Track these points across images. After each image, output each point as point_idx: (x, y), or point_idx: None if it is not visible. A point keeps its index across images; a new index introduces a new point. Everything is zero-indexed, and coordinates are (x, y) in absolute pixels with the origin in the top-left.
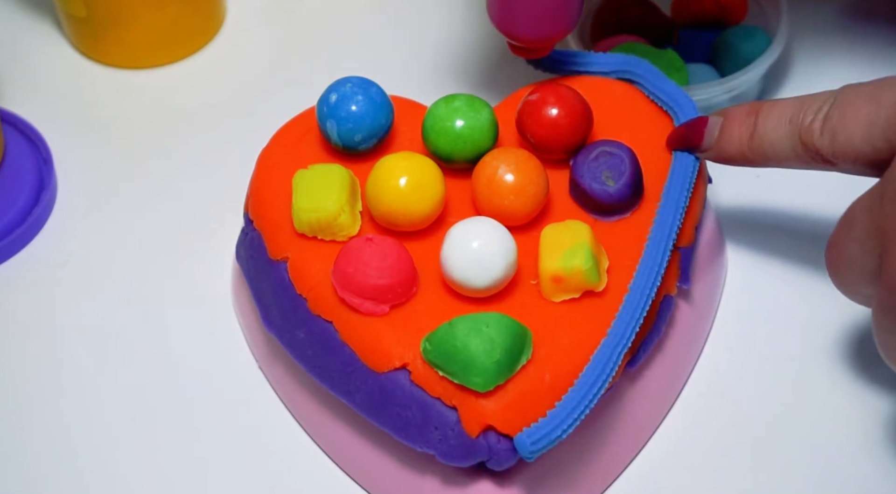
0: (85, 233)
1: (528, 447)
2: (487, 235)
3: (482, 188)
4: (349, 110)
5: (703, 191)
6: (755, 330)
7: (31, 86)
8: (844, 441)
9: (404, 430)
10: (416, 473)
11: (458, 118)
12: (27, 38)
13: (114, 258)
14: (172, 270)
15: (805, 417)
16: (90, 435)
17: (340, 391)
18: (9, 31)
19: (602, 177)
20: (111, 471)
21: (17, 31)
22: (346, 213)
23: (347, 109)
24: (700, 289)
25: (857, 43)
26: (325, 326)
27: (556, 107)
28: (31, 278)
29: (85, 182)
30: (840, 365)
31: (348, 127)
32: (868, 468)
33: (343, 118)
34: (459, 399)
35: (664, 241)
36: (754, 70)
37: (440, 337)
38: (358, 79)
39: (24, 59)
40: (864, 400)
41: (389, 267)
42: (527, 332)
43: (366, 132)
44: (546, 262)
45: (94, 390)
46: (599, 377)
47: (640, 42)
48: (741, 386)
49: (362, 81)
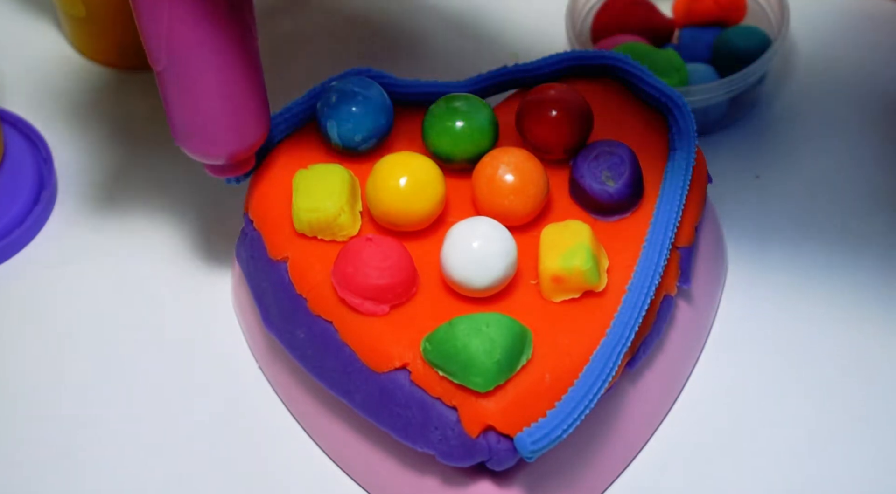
0: (85, 233)
1: (529, 447)
2: (487, 235)
3: (482, 188)
4: (350, 111)
5: (703, 191)
6: (755, 330)
7: (31, 86)
8: (844, 440)
9: (404, 430)
10: (416, 473)
11: (458, 118)
12: (27, 38)
13: (113, 258)
14: (172, 270)
15: (805, 417)
16: (90, 435)
17: (340, 391)
18: (9, 31)
19: (602, 177)
20: (111, 471)
21: (17, 31)
22: (346, 213)
23: (348, 110)
24: (700, 289)
25: (857, 43)
26: (325, 326)
27: (556, 107)
28: (31, 278)
29: (85, 182)
30: (840, 364)
31: (348, 127)
32: (868, 468)
33: (343, 119)
34: (459, 399)
35: (661, 241)
36: (754, 70)
37: (440, 337)
38: (358, 79)
39: (24, 59)
40: (865, 399)
41: (389, 267)
42: (527, 332)
43: (366, 132)
44: (546, 262)
45: (93, 390)
46: (599, 377)
47: (640, 42)
48: (741, 386)
49: (362, 81)
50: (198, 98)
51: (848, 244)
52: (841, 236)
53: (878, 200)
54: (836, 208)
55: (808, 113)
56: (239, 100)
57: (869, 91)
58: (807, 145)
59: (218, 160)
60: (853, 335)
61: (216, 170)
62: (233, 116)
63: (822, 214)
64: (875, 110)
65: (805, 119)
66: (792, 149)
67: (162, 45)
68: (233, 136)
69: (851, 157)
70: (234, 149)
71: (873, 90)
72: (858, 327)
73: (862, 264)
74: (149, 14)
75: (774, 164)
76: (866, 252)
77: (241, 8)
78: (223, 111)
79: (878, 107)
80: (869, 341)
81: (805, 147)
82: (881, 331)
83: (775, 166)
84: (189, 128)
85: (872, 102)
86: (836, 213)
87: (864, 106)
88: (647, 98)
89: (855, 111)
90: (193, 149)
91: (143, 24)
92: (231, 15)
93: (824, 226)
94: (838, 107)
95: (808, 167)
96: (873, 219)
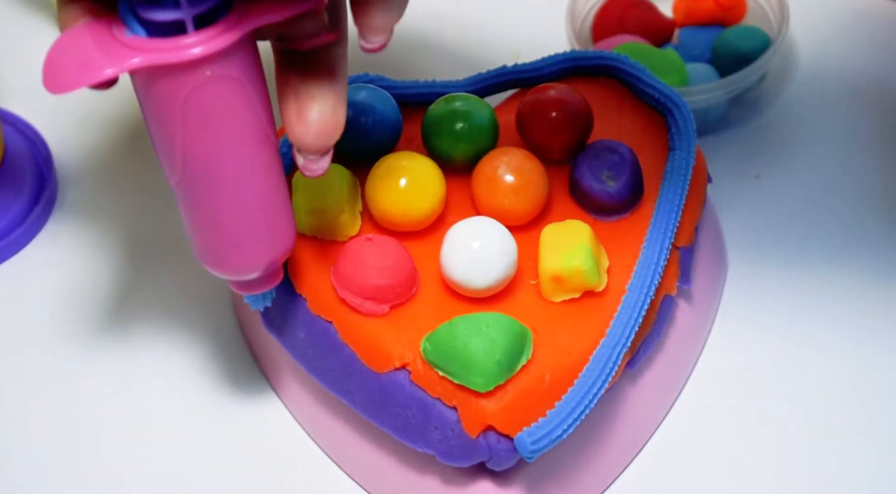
0: (85, 233)
1: (529, 447)
2: (487, 235)
3: (482, 188)
4: (363, 126)
5: (703, 191)
6: (755, 330)
7: (31, 86)
8: (844, 440)
9: (404, 430)
10: (416, 473)
11: (458, 118)
12: (27, 38)
13: (113, 258)
14: (172, 270)
15: (805, 417)
16: (90, 435)
17: (340, 391)
18: (9, 31)
19: (602, 177)
20: (111, 471)
21: (17, 31)
22: (346, 213)
23: (359, 128)
24: (700, 289)
25: (857, 43)
26: (325, 326)
27: (556, 107)
28: (31, 278)
29: (85, 182)
30: (840, 364)
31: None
32: (868, 467)
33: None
34: (459, 399)
35: (661, 241)
36: (754, 70)
37: (440, 337)
38: (372, 90)
39: (24, 59)
40: (865, 399)
41: (389, 267)
42: (527, 332)
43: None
44: (546, 262)
45: (93, 390)
46: (599, 377)
47: (640, 42)
48: (741, 386)
49: (375, 92)
50: (224, 214)
51: (848, 243)
52: (841, 236)
53: (877, 200)
54: (835, 208)
55: (809, 112)
56: (269, 209)
57: (869, 91)
58: (807, 145)
59: (252, 275)
60: (853, 334)
61: (243, 286)
62: (265, 227)
63: (822, 214)
64: (875, 110)
65: (805, 118)
66: (792, 149)
67: (177, 158)
68: (265, 248)
69: (851, 157)
70: (270, 258)
71: (873, 90)
72: (858, 327)
73: (862, 264)
74: (158, 124)
75: (774, 164)
76: (866, 251)
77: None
78: (254, 224)
79: (878, 107)
80: (869, 340)
81: (805, 147)
82: (881, 331)
83: (775, 166)
84: (217, 246)
85: (872, 102)
86: (835, 213)
87: (864, 106)
88: (647, 98)
89: (855, 111)
90: (224, 268)
91: (153, 133)
92: (251, 118)
93: (824, 226)
94: (838, 107)
95: (808, 167)
96: (873, 218)
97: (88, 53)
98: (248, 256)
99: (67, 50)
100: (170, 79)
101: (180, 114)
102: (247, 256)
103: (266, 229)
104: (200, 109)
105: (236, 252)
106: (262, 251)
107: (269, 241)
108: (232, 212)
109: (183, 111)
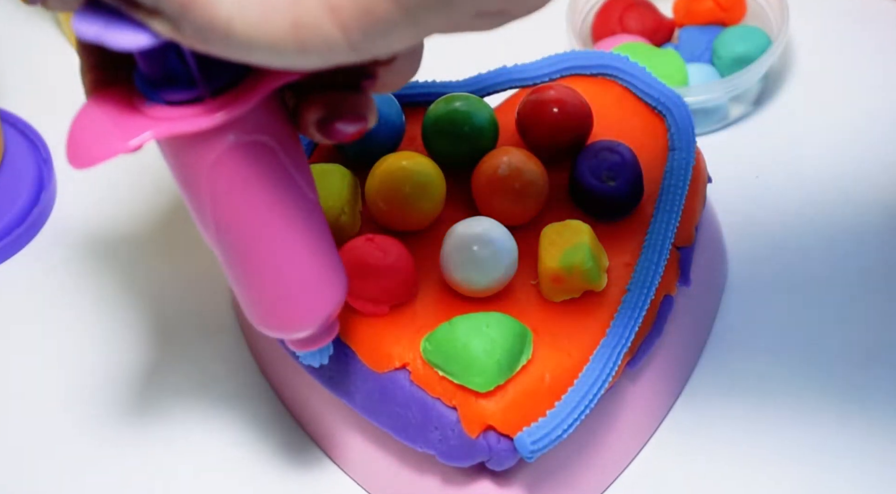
0: (85, 233)
1: (529, 447)
2: (487, 235)
3: (482, 188)
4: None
5: (702, 191)
6: (755, 330)
7: (31, 86)
8: (844, 440)
9: (404, 430)
10: (416, 473)
11: (458, 118)
12: (27, 38)
13: (113, 258)
14: (172, 270)
15: (805, 417)
16: (91, 435)
17: (340, 391)
18: (9, 31)
19: (602, 177)
20: (111, 471)
21: (17, 31)
22: (346, 213)
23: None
24: (700, 289)
25: (857, 43)
26: None
27: (556, 107)
28: (31, 278)
29: (85, 182)
30: (840, 364)
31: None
32: (868, 467)
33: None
34: (459, 399)
35: (661, 241)
36: (754, 70)
37: (440, 337)
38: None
39: (24, 59)
40: (864, 399)
41: (389, 267)
42: (527, 332)
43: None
44: (546, 262)
45: (93, 390)
46: (599, 377)
47: (641, 42)
48: (741, 386)
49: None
50: (264, 276)
51: (848, 243)
52: (841, 235)
53: (877, 199)
54: (835, 208)
55: (808, 113)
56: (312, 267)
57: (869, 91)
58: (807, 145)
59: (303, 333)
60: (853, 334)
61: (298, 343)
62: (310, 285)
63: (822, 214)
64: (875, 110)
65: (805, 119)
66: (792, 149)
67: (209, 224)
68: (314, 304)
69: (851, 157)
70: (320, 315)
71: (873, 90)
72: (858, 326)
73: (862, 263)
74: (187, 190)
75: (774, 164)
76: (866, 251)
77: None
78: (297, 283)
79: (878, 106)
80: (869, 340)
81: (805, 147)
82: (881, 331)
83: (775, 166)
84: (262, 307)
85: (872, 102)
86: (835, 213)
87: (864, 106)
88: (647, 98)
89: (855, 111)
90: (272, 328)
91: (184, 198)
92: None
93: (824, 226)
94: (838, 106)
95: (808, 167)
96: (873, 218)
97: (108, 127)
98: (295, 315)
99: (88, 125)
100: (192, 147)
101: (207, 181)
102: (294, 315)
103: (312, 286)
104: (227, 175)
105: (281, 312)
106: (309, 308)
107: (317, 298)
108: (272, 275)
109: (209, 178)
